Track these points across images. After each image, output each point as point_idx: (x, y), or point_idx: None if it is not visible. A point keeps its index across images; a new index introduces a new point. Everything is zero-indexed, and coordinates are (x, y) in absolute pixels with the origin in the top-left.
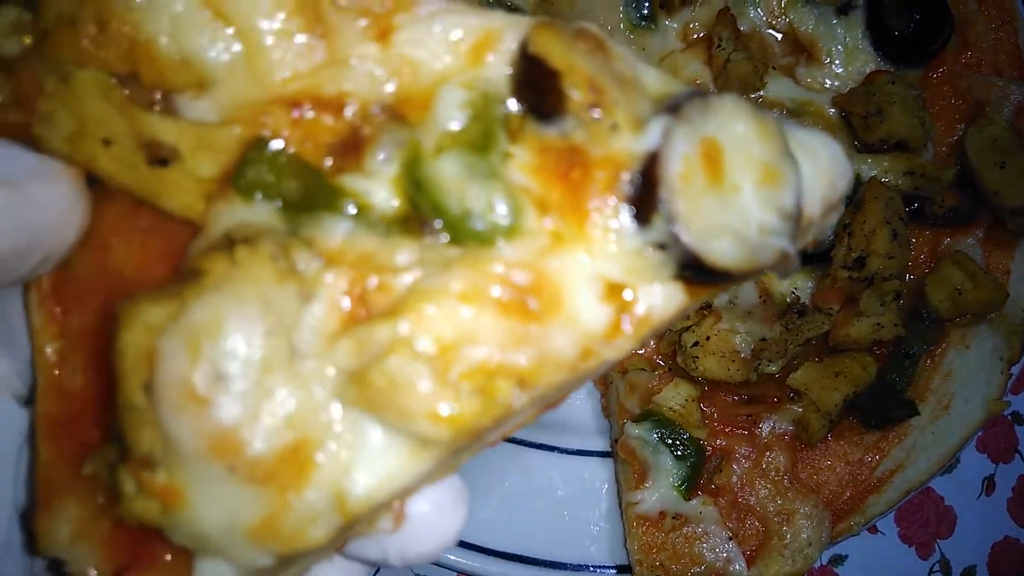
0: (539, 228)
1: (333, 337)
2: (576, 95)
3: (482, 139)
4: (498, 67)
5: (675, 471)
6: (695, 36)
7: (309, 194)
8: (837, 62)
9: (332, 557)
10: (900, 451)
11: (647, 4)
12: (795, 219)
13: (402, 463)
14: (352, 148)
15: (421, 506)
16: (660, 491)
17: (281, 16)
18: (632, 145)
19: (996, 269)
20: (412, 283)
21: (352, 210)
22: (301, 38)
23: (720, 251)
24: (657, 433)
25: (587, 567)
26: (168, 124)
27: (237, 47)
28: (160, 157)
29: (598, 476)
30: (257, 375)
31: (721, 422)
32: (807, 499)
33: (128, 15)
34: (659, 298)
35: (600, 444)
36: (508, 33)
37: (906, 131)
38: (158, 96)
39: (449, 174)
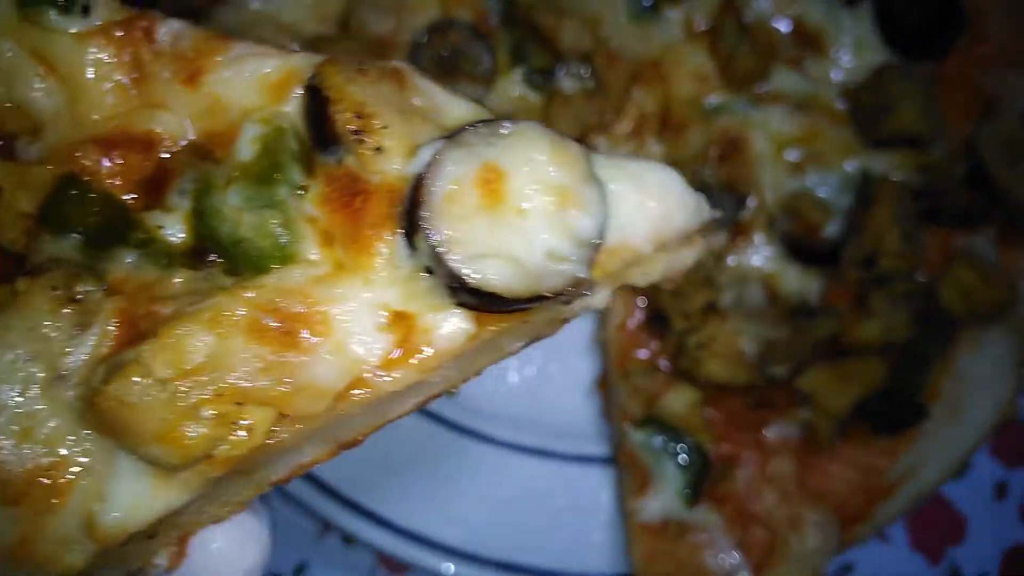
0: (320, 257)
1: (102, 363)
2: (340, 119)
3: (268, 171)
4: (297, 103)
5: (678, 478)
6: (698, 27)
7: (109, 229)
8: (846, 55)
9: None
10: (911, 456)
11: None
12: (593, 247)
13: (151, 492)
14: (157, 185)
15: (207, 545)
16: (663, 498)
17: (102, 63)
18: (404, 169)
19: (1009, 269)
20: (174, 311)
21: (141, 243)
22: (119, 82)
23: (491, 275)
24: (660, 439)
25: None
26: None
27: (61, 93)
28: None
29: (600, 483)
30: (14, 398)
31: (726, 427)
32: (815, 506)
33: None
34: (444, 327)
35: (602, 450)
36: (308, 68)
37: (916, 126)
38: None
39: (229, 205)
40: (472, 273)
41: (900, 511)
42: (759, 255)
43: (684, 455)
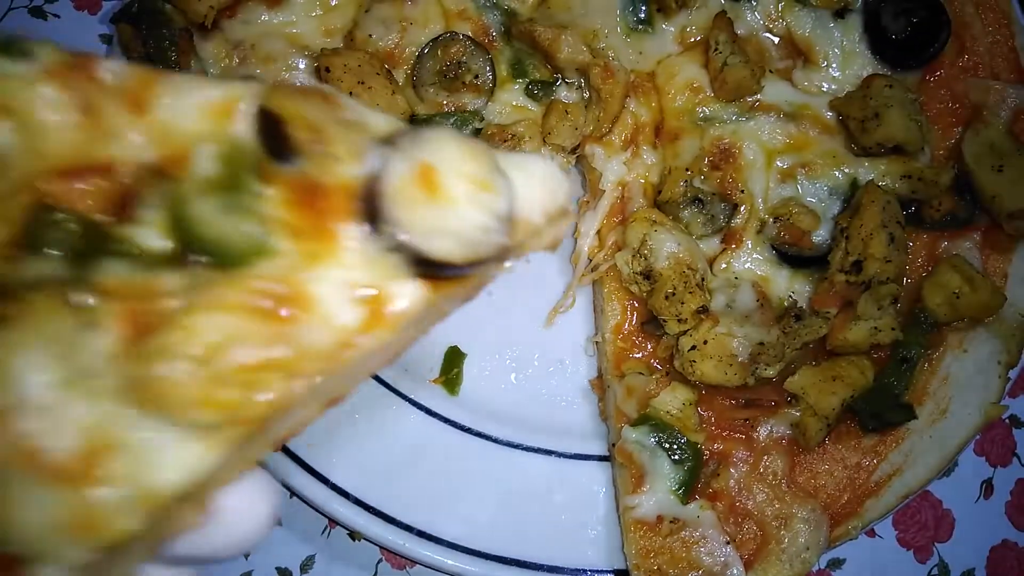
0: (292, 249)
1: (118, 356)
2: (300, 135)
3: (233, 182)
4: (243, 123)
5: (673, 475)
6: (692, 40)
7: (89, 244)
8: (834, 66)
9: (153, 563)
10: (898, 455)
11: (644, 7)
12: (509, 220)
13: (193, 454)
14: (124, 203)
15: (227, 500)
16: (657, 495)
17: (52, 101)
18: (356, 172)
19: (994, 273)
20: (181, 304)
21: (123, 253)
22: (72, 116)
23: (441, 247)
24: (655, 437)
25: (584, 571)
26: None
27: (17, 131)
28: None
29: (596, 480)
30: (52, 393)
31: (719, 426)
32: (805, 503)
33: None
34: (405, 294)
35: (598, 448)
36: (248, 95)
37: (903, 135)
38: None
39: (207, 212)
40: (432, 249)
41: (888, 509)
42: (750, 260)
43: (678, 453)
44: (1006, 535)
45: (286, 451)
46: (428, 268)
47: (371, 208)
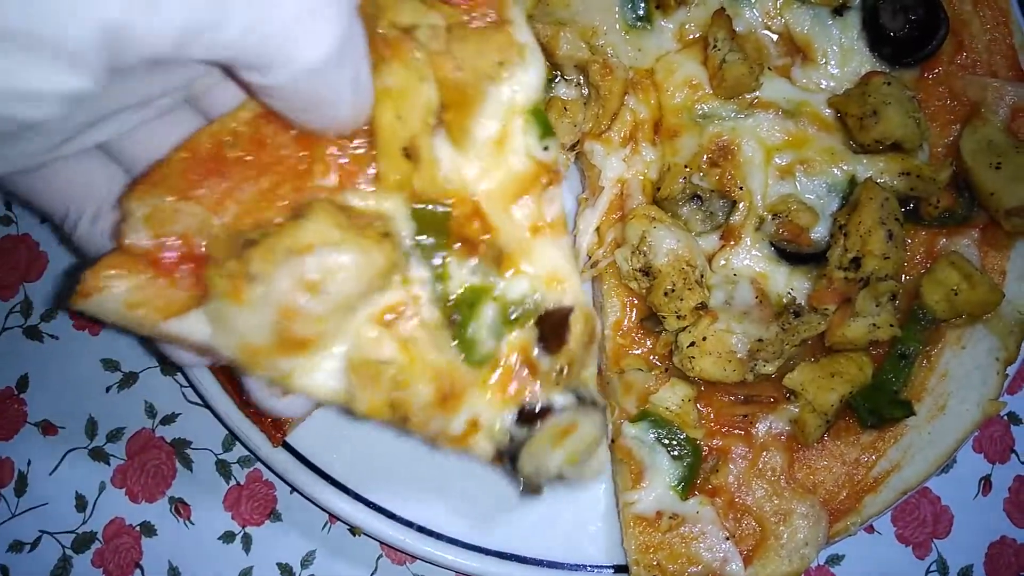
0: (482, 372)
1: (374, 319)
2: (563, 359)
3: (516, 320)
4: (552, 303)
5: (672, 471)
6: (691, 37)
7: (429, 248)
8: (833, 63)
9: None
10: (896, 451)
11: (643, 4)
12: (560, 480)
13: (321, 388)
14: (469, 247)
15: (291, 402)
16: (657, 491)
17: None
18: (553, 396)
19: (992, 270)
20: (420, 335)
21: (439, 275)
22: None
23: (526, 467)
24: (654, 433)
25: (584, 567)
26: (427, 153)
27: (477, 167)
28: (411, 156)
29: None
30: (334, 303)
31: (718, 422)
32: (804, 499)
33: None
34: (483, 448)
35: None
36: (573, 283)
37: (901, 132)
38: (438, 126)
39: (485, 316)
40: (521, 464)
41: (887, 505)
42: (749, 257)
43: (677, 449)
44: (1004, 531)
45: (287, 447)
46: (506, 455)
47: (530, 416)
